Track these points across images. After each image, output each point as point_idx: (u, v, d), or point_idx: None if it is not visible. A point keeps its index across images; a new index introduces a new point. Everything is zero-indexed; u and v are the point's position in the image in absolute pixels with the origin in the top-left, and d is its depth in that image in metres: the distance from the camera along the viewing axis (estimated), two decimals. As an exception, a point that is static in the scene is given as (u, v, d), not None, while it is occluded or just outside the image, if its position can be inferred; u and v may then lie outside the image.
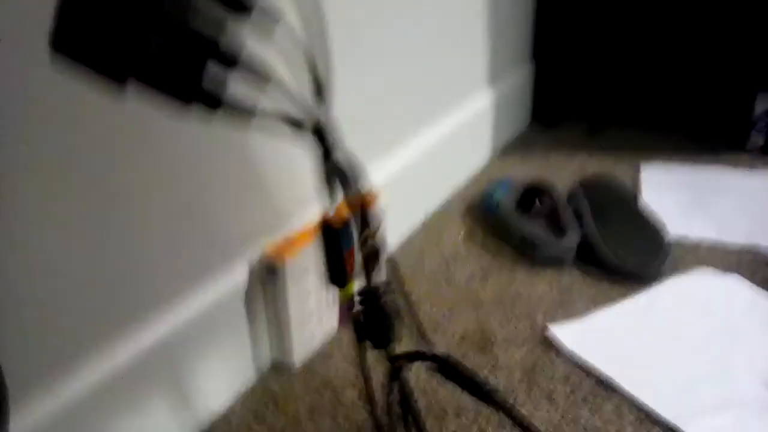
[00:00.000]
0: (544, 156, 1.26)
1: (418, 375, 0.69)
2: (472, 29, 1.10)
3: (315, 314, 0.74)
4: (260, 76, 0.31)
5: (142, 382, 0.58)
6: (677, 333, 0.75)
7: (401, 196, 0.95)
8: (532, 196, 1.01)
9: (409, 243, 0.97)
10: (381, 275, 0.85)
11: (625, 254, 0.86)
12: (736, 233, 0.94)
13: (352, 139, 0.84)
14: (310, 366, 0.73)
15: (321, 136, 0.35)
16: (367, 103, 0.85)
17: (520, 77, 1.33)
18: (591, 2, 1.31)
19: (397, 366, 0.45)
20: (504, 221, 0.95)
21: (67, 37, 0.29)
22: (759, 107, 1.26)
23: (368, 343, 0.44)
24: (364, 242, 0.40)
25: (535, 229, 0.91)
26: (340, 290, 0.43)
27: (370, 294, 0.41)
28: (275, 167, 0.70)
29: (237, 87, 0.33)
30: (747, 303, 0.79)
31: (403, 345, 0.49)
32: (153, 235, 0.57)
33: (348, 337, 0.77)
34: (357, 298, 0.41)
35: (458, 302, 0.83)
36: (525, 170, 1.20)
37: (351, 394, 0.68)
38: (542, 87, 1.41)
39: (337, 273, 0.41)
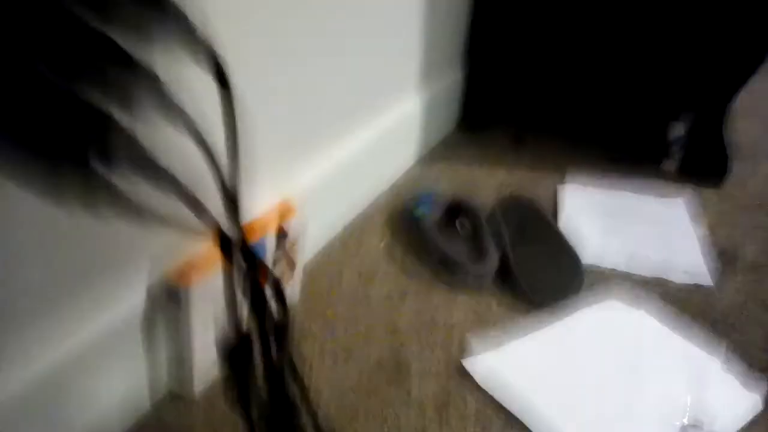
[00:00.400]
0: (467, 167, 1.25)
1: None
2: (402, 34, 1.06)
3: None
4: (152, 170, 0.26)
5: (27, 408, 0.52)
6: (587, 368, 0.75)
7: (321, 203, 0.91)
8: (454, 213, 0.99)
9: (327, 255, 0.93)
10: (297, 290, 0.81)
11: (540, 284, 0.86)
12: (646, 263, 0.96)
13: (270, 141, 0.79)
14: (210, 398, 0.68)
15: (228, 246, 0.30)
16: (286, 103, 0.80)
17: (448, 82, 1.31)
18: (525, 10, 1.30)
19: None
20: (424, 239, 0.93)
21: None
22: (675, 131, 1.30)
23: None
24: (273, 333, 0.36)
25: (454, 250, 0.89)
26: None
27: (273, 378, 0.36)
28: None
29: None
30: (653, 340, 0.80)
31: None
32: (44, 249, 0.51)
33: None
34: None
35: (374, 325, 0.80)
36: (449, 178, 1.18)
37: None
38: (471, 92, 1.39)
39: (243, 394, 0.37)
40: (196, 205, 0.28)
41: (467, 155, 1.29)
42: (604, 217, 1.08)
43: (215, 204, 0.33)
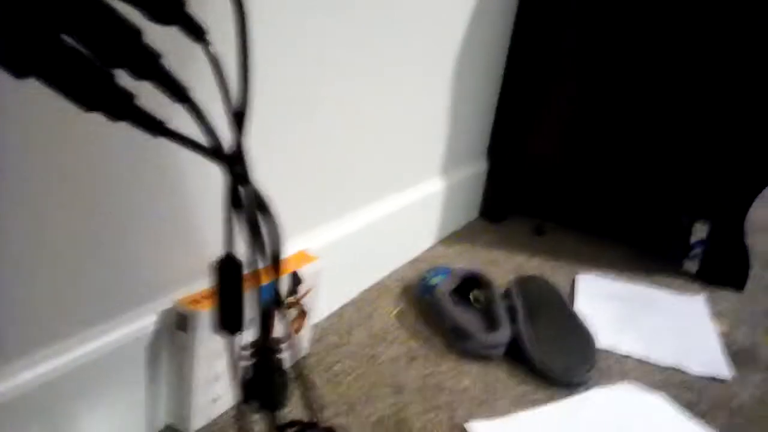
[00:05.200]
0: (486, 251, 1.26)
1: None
2: (432, 119, 1.12)
3: (221, 379, 0.69)
4: (175, 92, 0.29)
5: (15, 423, 0.51)
6: (596, 446, 0.72)
7: (339, 266, 0.92)
8: (468, 286, 0.99)
9: (339, 315, 0.93)
10: (306, 339, 0.81)
11: (553, 359, 0.85)
12: (663, 353, 0.94)
13: (299, 202, 0.82)
14: (207, 433, 0.67)
15: (232, 165, 0.32)
16: (318, 166, 0.84)
17: (472, 172, 1.35)
18: (549, 109, 1.36)
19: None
20: (437, 307, 0.93)
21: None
22: (696, 234, 1.31)
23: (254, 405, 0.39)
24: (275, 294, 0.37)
25: (467, 319, 0.89)
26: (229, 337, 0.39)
27: (265, 349, 0.37)
28: (205, 216, 0.67)
29: (148, 100, 0.31)
30: (667, 425, 0.77)
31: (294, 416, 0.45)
32: (51, 257, 0.52)
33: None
34: (248, 351, 0.37)
35: (379, 384, 0.79)
36: (468, 258, 1.19)
37: (246, 470, 0.63)
38: (493, 184, 1.43)
39: (230, 316, 0.37)
40: (199, 113, 0.30)
41: (487, 240, 1.31)
42: (620, 306, 1.07)
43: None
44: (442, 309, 0.92)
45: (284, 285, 0.74)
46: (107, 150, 0.54)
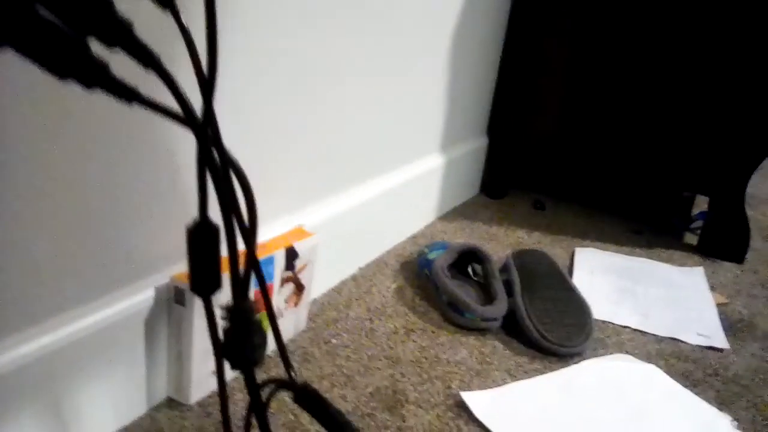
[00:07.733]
0: (486, 226, 1.26)
1: (283, 406, 0.66)
2: (433, 95, 1.12)
3: (221, 350, 0.70)
4: (146, 60, 0.29)
5: (16, 396, 0.53)
6: (588, 416, 0.73)
7: (338, 242, 0.93)
8: (466, 260, 1.00)
9: (338, 290, 0.94)
10: (304, 314, 0.82)
11: (548, 330, 0.85)
12: (660, 323, 0.94)
13: (298, 177, 0.82)
14: (206, 406, 0.68)
15: (202, 128, 0.32)
16: (317, 141, 0.84)
17: (472, 148, 1.35)
18: (550, 83, 1.35)
19: (255, 393, 0.41)
20: (435, 281, 0.94)
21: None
22: (697, 207, 1.30)
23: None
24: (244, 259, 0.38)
25: (464, 293, 0.90)
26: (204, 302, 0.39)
27: (238, 310, 0.38)
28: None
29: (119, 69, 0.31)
30: (661, 394, 0.78)
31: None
32: (50, 233, 0.53)
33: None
34: (224, 314, 0.38)
35: (376, 356, 0.80)
36: (467, 234, 1.20)
37: (244, 439, 0.64)
38: (493, 160, 1.43)
39: (205, 279, 0.38)
40: (168, 79, 0.30)
41: (487, 216, 1.31)
42: (618, 277, 1.08)
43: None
44: (439, 283, 0.93)
45: (280, 259, 0.75)
46: (97, 124, 0.54)
